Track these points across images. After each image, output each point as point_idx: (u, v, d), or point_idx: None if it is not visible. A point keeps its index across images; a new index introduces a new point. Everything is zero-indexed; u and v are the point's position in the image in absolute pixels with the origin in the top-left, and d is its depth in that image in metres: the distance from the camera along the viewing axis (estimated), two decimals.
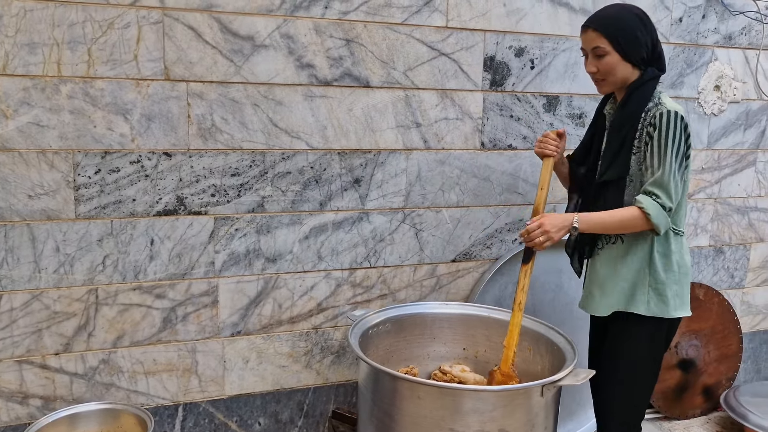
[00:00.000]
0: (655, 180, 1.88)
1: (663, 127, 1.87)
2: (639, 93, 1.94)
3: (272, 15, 2.19)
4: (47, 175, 2.04)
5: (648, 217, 1.87)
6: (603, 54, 1.95)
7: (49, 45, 1.97)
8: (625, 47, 1.93)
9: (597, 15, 2.01)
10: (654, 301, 2.00)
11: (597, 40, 1.95)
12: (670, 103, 1.94)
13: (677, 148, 1.88)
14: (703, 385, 3.12)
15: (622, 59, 1.95)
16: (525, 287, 2.05)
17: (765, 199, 3.17)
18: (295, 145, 2.30)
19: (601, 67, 1.97)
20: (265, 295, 2.37)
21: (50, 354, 2.14)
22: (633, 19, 1.95)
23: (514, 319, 2.06)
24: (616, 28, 1.94)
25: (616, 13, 1.98)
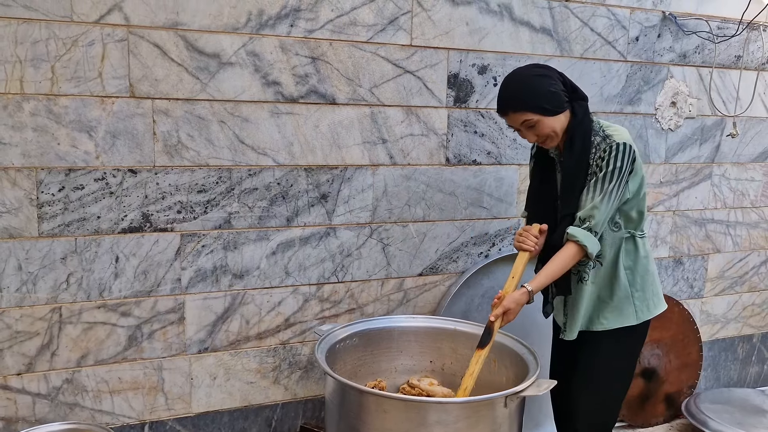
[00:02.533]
0: (593, 206, 1.95)
1: (613, 160, 1.94)
2: (580, 130, 2.00)
3: (238, 33, 2.21)
4: (9, 192, 2.02)
5: (584, 249, 1.94)
6: (533, 124, 1.98)
7: (11, 62, 1.97)
8: (547, 107, 1.96)
9: (505, 96, 2.03)
10: (640, 309, 2.09)
11: (521, 116, 1.98)
12: (617, 133, 2.00)
13: (620, 178, 1.95)
14: (665, 393, 3.19)
15: (552, 117, 1.98)
16: (475, 373, 1.97)
17: (721, 212, 3.28)
18: (262, 162, 2.32)
19: (539, 134, 2.00)
20: (233, 312, 2.37)
21: (12, 374, 2.11)
22: (537, 81, 1.98)
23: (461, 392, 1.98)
24: (529, 98, 1.97)
25: (520, 84, 2.00)
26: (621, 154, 1.95)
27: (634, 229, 2.09)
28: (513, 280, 2.04)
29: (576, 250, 1.95)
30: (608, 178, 1.95)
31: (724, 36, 3.03)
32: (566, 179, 2.05)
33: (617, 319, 2.08)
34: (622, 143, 1.96)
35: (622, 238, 2.07)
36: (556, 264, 1.98)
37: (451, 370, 2.39)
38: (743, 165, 3.30)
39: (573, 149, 2.01)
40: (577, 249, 1.95)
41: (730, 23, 3.01)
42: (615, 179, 1.94)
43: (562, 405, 2.24)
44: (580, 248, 1.95)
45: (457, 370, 2.38)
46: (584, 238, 1.94)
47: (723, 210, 3.29)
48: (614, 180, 1.94)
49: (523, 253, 2.07)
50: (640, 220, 2.09)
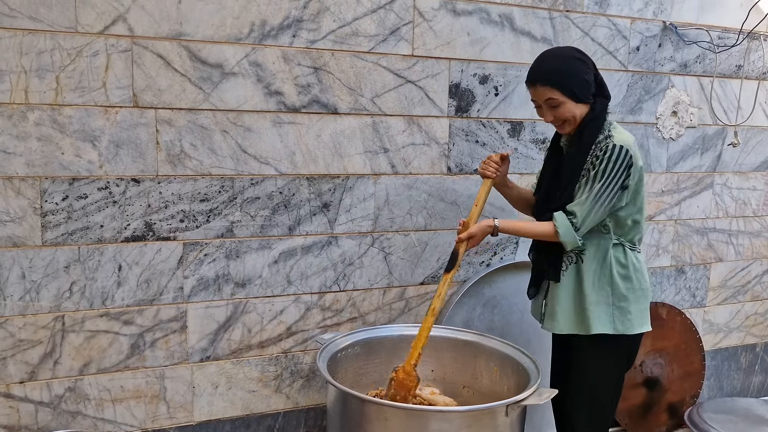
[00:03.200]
0: (579, 202, 1.99)
1: (605, 160, 1.96)
2: (592, 126, 2.02)
3: (241, 43, 2.23)
4: (13, 201, 2.04)
5: (557, 235, 2.00)
6: (558, 104, 2.00)
7: (16, 72, 1.99)
8: (577, 92, 1.99)
9: (540, 68, 2.04)
10: (619, 319, 2.07)
11: (548, 92, 2.00)
12: (620, 135, 2.01)
13: (612, 180, 1.96)
14: (667, 402, 3.18)
15: (576, 103, 2.01)
16: (442, 294, 2.12)
17: (723, 221, 3.28)
18: (264, 171, 2.33)
19: (558, 115, 2.03)
20: (235, 320, 2.37)
21: (15, 383, 2.12)
22: (576, 64, 2.01)
23: (425, 323, 2.12)
24: (564, 78, 1.99)
25: (559, 62, 2.03)
26: (615, 157, 1.95)
27: (624, 238, 2.08)
28: (476, 208, 2.16)
29: (552, 230, 2.02)
30: (597, 177, 1.96)
31: (725, 46, 3.04)
32: (565, 170, 2.07)
33: (594, 324, 2.05)
34: (618, 146, 1.96)
35: (610, 245, 2.06)
36: (530, 226, 2.11)
37: (452, 378, 2.39)
38: (745, 174, 3.30)
39: (580, 142, 2.03)
40: (553, 230, 2.02)
41: (731, 33, 3.02)
42: (604, 180, 1.95)
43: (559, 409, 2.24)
44: (555, 232, 2.01)
45: (459, 379, 2.38)
46: (561, 225, 2.00)
47: (725, 219, 3.29)
48: (603, 181, 1.95)
49: (486, 180, 2.20)
50: (633, 230, 2.08)
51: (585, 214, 1.98)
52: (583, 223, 1.99)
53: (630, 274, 2.08)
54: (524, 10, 2.63)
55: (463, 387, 2.37)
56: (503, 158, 2.22)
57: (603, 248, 2.06)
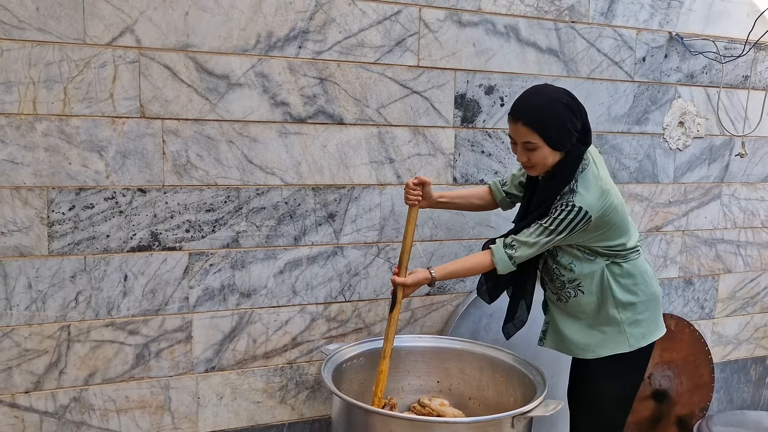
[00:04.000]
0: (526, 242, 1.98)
1: (561, 216, 1.93)
2: (563, 173, 1.96)
3: (247, 54, 2.24)
4: (21, 211, 2.05)
5: (495, 268, 2.03)
6: (534, 148, 1.93)
7: (25, 84, 2.00)
8: (556, 140, 1.92)
9: (526, 106, 1.95)
10: (633, 335, 2.06)
11: (528, 135, 1.92)
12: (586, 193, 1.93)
13: (562, 233, 1.94)
14: (676, 415, 3.15)
15: (552, 150, 1.94)
16: (391, 337, 2.11)
17: (731, 231, 3.26)
18: (270, 181, 2.33)
19: (531, 158, 1.96)
20: (240, 331, 2.37)
21: (20, 392, 2.12)
22: (563, 111, 1.91)
23: (381, 367, 2.11)
24: (547, 124, 1.90)
25: (547, 106, 1.92)
26: (572, 216, 1.91)
27: (617, 257, 2.04)
28: (405, 240, 2.16)
29: (488, 263, 2.03)
30: (547, 231, 1.95)
31: (731, 56, 3.04)
32: (535, 202, 2.05)
33: (608, 346, 2.06)
34: (577, 207, 1.91)
35: (603, 267, 2.04)
36: (465, 265, 2.09)
37: (458, 390, 2.37)
38: (753, 185, 3.28)
39: (549, 183, 2.00)
40: (489, 262, 2.03)
41: (737, 44, 3.02)
42: (554, 234, 1.94)
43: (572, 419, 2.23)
44: (492, 264, 2.02)
45: (465, 391, 2.37)
46: (500, 260, 2.01)
47: (733, 230, 3.27)
48: (552, 234, 1.94)
49: (411, 209, 2.20)
50: (622, 248, 2.04)
51: (525, 255, 1.99)
52: (520, 260, 2.00)
53: (632, 287, 2.06)
54: (530, 21, 2.64)
55: (469, 398, 2.36)
56: (421, 183, 2.16)
57: (598, 273, 2.04)
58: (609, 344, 2.05)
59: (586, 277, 2.04)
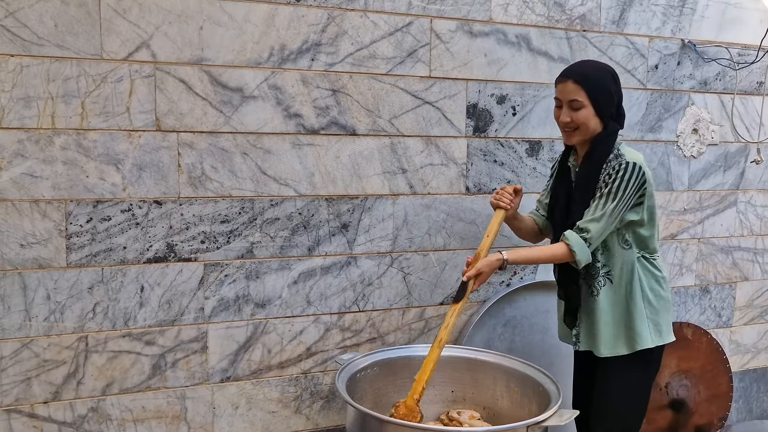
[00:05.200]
0: (593, 218, 1.99)
1: (618, 177, 1.98)
2: (603, 146, 2.05)
3: (260, 67, 2.27)
4: (39, 224, 2.08)
5: (573, 254, 1.99)
6: (580, 107, 2.03)
7: (43, 99, 2.04)
8: (600, 103, 2.03)
9: (576, 68, 2.09)
10: (655, 332, 2.09)
11: (576, 93, 2.03)
12: (630, 153, 2.04)
13: (626, 197, 1.98)
14: (694, 425, 3.11)
15: (595, 113, 2.04)
16: (450, 326, 2.08)
17: (748, 239, 3.23)
18: (284, 192, 2.36)
19: (575, 119, 2.05)
20: (255, 341, 2.39)
21: (39, 402, 2.15)
22: (609, 77, 2.06)
23: (431, 355, 2.07)
24: (595, 84, 2.03)
25: (595, 69, 2.08)
26: (629, 174, 1.98)
27: (645, 250, 2.10)
28: (488, 239, 2.14)
29: (565, 251, 2.01)
30: (612, 195, 1.98)
31: (745, 62, 3.02)
32: (578, 189, 2.09)
33: (635, 341, 2.06)
34: (632, 162, 1.99)
35: (635, 259, 2.07)
36: (542, 251, 2.09)
37: (472, 400, 2.37)
38: None
39: (590, 161, 2.05)
40: (566, 251, 2.01)
41: (751, 50, 3.01)
42: (618, 198, 1.97)
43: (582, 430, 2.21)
44: (570, 252, 2.00)
45: (480, 401, 2.36)
46: (576, 244, 1.99)
47: (750, 237, 3.24)
48: (617, 198, 1.97)
49: (499, 211, 2.19)
50: (653, 243, 2.11)
51: (599, 231, 1.99)
52: (596, 239, 2.00)
53: (655, 285, 2.10)
54: (541, 30, 2.65)
55: (483, 408, 2.35)
56: (516, 191, 2.23)
57: (629, 264, 2.07)
58: (636, 338, 2.06)
59: (617, 264, 2.07)
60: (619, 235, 2.07)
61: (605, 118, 2.05)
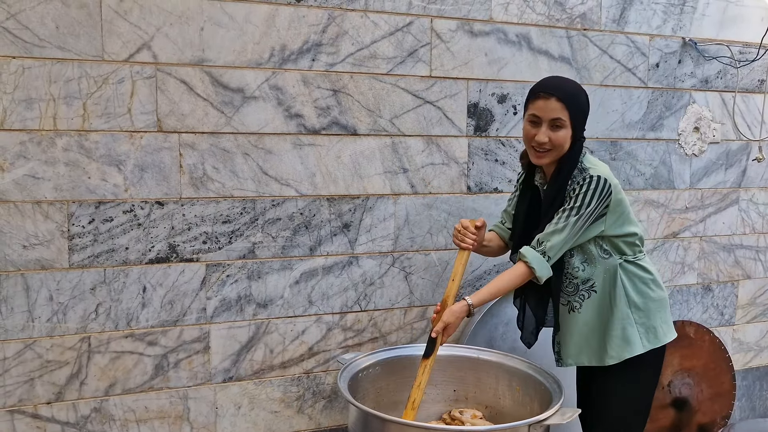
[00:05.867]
0: (554, 230, 1.93)
1: (582, 192, 1.92)
2: (571, 162, 1.99)
3: (261, 68, 2.27)
4: (42, 225, 2.09)
5: (532, 271, 1.94)
6: (561, 126, 1.95)
7: (45, 100, 2.05)
8: (577, 124, 1.97)
9: (557, 86, 1.99)
10: (645, 336, 2.05)
11: (560, 111, 1.94)
12: (595, 166, 1.98)
13: (589, 210, 1.92)
14: (697, 424, 3.11)
15: (571, 134, 1.97)
16: (422, 385, 1.99)
17: (750, 237, 3.23)
18: (285, 192, 2.36)
19: (554, 139, 1.95)
20: (257, 341, 2.39)
21: (42, 403, 2.15)
22: (585, 98, 2.02)
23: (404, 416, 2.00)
24: (577, 104, 1.97)
25: (574, 88, 2.01)
26: (593, 188, 1.92)
27: (626, 254, 2.05)
28: (453, 283, 2.05)
29: (525, 270, 1.95)
30: (576, 209, 1.92)
31: (746, 60, 3.02)
32: (544, 206, 2.03)
33: (624, 348, 2.03)
34: (596, 176, 1.93)
35: (617, 265, 2.03)
36: (503, 281, 1.99)
37: (475, 399, 2.37)
38: None
39: (558, 179, 2.00)
40: (525, 269, 1.95)
41: (752, 48, 3.00)
42: (582, 211, 1.92)
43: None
44: (529, 269, 1.94)
45: (482, 399, 2.36)
46: (533, 259, 1.93)
47: (752, 235, 3.24)
48: (581, 211, 1.92)
49: (463, 252, 2.09)
50: (631, 242, 2.05)
51: (559, 244, 1.93)
52: (555, 252, 1.94)
53: (642, 287, 2.06)
54: (541, 29, 2.65)
55: (485, 407, 2.35)
56: (478, 228, 2.10)
57: (611, 272, 2.03)
58: (625, 345, 2.03)
59: (599, 275, 2.03)
60: (597, 244, 2.02)
61: (576, 138, 1.99)
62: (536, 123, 1.98)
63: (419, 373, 2.01)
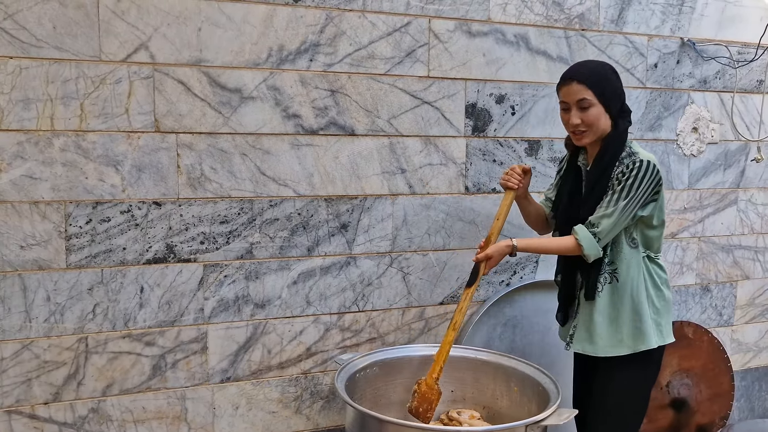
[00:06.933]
0: (604, 214, 1.98)
1: (632, 176, 1.96)
2: (615, 145, 2.03)
3: (259, 68, 2.27)
4: (39, 225, 2.09)
5: (581, 248, 2.00)
6: (588, 106, 2.00)
7: (43, 101, 2.05)
8: (608, 98, 2.01)
9: (578, 69, 2.06)
10: (657, 332, 2.08)
11: (583, 92, 2.00)
12: (643, 152, 2.03)
13: (639, 195, 1.97)
14: (696, 424, 3.11)
15: (604, 111, 2.01)
16: (464, 309, 2.14)
17: (748, 237, 3.23)
18: (283, 193, 2.36)
19: (585, 119, 2.01)
20: (255, 341, 2.39)
21: (39, 403, 2.15)
22: (611, 73, 2.05)
23: (446, 337, 2.15)
24: (599, 80, 2.01)
25: (596, 66, 2.06)
26: (642, 172, 1.96)
27: (650, 250, 2.10)
28: (498, 222, 2.17)
29: (574, 244, 2.02)
30: (624, 192, 1.97)
31: (744, 61, 3.02)
32: (588, 187, 2.08)
33: (640, 340, 2.05)
34: (645, 161, 1.98)
35: (641, 259, 2.06)
36: (551, 242, 2.12)
37: (472, 399, 2.37)
38: None
39: (602, 160, 2.03)
40: (575, 244, 2.02)
41: (751, 48, 3.00)
42: (630, 195, 1.96)
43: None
44: (578, 246, 2.01)
45: (480, 400, 2.36)
46: (584, 238, 2.00)
47: (751, 236, 3.23)
48: (629, 196, 1.96)
49: (509, 192, 2.19)
50: (657, 241, 2.10)
51: (609, 227, 1.98)
52: (605, 235, 1.99)
53: (660, 285, 2.10)
54: (539, 29, 2.65)
55: (483, 407, 2.35)
56: (525, 171, 2.21)
57: (635, 263, 2.06)
58: (642, 337, 2.04)
59: (623, 262, 2.05)
60: (627, 233, 2.05)
61: (614, 115, 2.03)
62: (566, 109, 2.06)
63: (462, 299, 2.15)
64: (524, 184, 2.21)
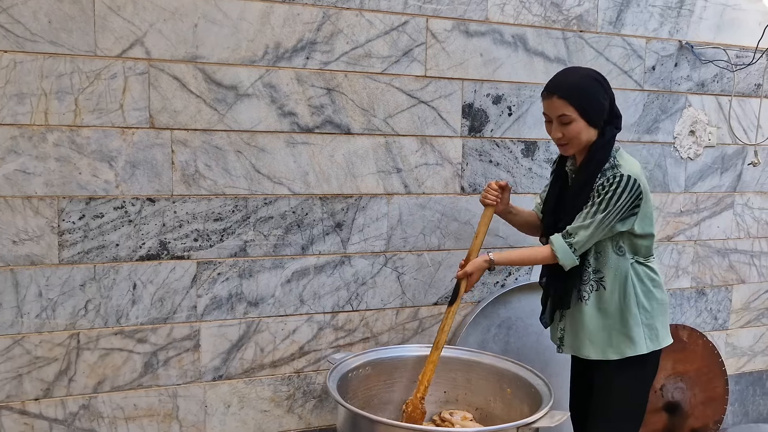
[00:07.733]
0: (581, 225, 1.97)
1: (611, 190, 1.94)
2: (601, 153, 2.00)
3: (255, 65, 2.26)
4: (32, 221, 2.08)
5: (556, 258, 2.01)
6: (569, 121, 1.98)
7: (37, 95, 2.04)
8: (590, 113, 1.97)
9: (559, 82, 2.02)
10: (649, 337, 2.06)
11: (563, 108, 1.97)
12: (627, 164, 1.99)
13: (617, 210, 1.95)
14: (690, 428, 3.10)
15: (587, 125, 1.99)
16: (446, 328, 2.15)
17: (744, 241, 3.22)
18: (278, 191, 2.35)
19: (566, 133, 2.00)
20: (247, 339, 2.38)
21: (30, 399, 2.14)
22: (595, 85, 1.99)
23: (430, 357, 2.16)
24: (581, 96, 1.97)
25: (579, 79, 2.00)
26: (621, 188, 1.94)
27: (639, 255, 2.07)
28: (476, 239, 2.17)
29: (550, 254, 2.03)
30: (603, 206, 1.95)
31: (742, 64, 3.01)
32: (571, 195, 2.06)
33: (628, 346, 2.04)
34: (626, 175, 1.95)
35: (629, 265, 2.05)
36: (527, 253, 2.14)
37: (465, 400, 2.36)
38: (767, 194, 3.24)
39: (587, 168, 2.02)
40: (550, 253, 2.03)
41: (749, 51, 3.00)
42: (608, 209, 1.94)
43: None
44: (553, 255, 2.02)
45: (473, 401, 2.36)
46: (559, 248, 2.00)
47: (747, 240, 3.23)
48: (607, 210, 1.94)
49: (488, 209, 2.20)
50: (647, 245, 2.08)
51: (585, 239, 1.98)
52: (581, 246, 1.99)
53: (651, 289, 2.08)
54: (537, 30, 2.65)
55: (476, 409, 2.35)
56: (502, 187, 2.19)
57: (622, 270, 2.04)
58: (630, 343, 2.03)
59: (610, 270, 2.04)
60: (613, 241, 2.04)
61: (599, 125, 2.01)
62: (549, 121, 2.05)
63: (444, 318, 2.15)
64: (503, 199, 2.20)
